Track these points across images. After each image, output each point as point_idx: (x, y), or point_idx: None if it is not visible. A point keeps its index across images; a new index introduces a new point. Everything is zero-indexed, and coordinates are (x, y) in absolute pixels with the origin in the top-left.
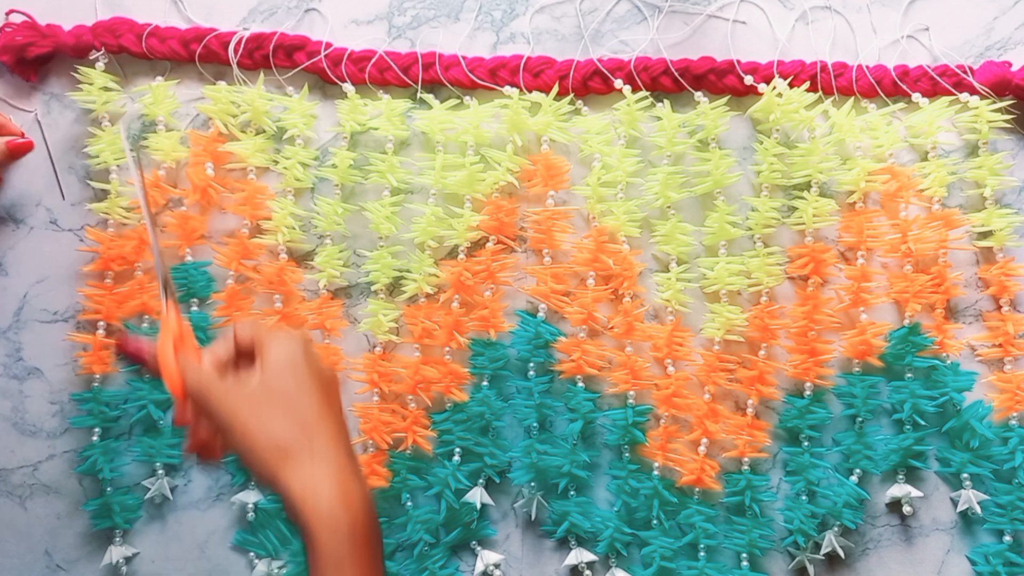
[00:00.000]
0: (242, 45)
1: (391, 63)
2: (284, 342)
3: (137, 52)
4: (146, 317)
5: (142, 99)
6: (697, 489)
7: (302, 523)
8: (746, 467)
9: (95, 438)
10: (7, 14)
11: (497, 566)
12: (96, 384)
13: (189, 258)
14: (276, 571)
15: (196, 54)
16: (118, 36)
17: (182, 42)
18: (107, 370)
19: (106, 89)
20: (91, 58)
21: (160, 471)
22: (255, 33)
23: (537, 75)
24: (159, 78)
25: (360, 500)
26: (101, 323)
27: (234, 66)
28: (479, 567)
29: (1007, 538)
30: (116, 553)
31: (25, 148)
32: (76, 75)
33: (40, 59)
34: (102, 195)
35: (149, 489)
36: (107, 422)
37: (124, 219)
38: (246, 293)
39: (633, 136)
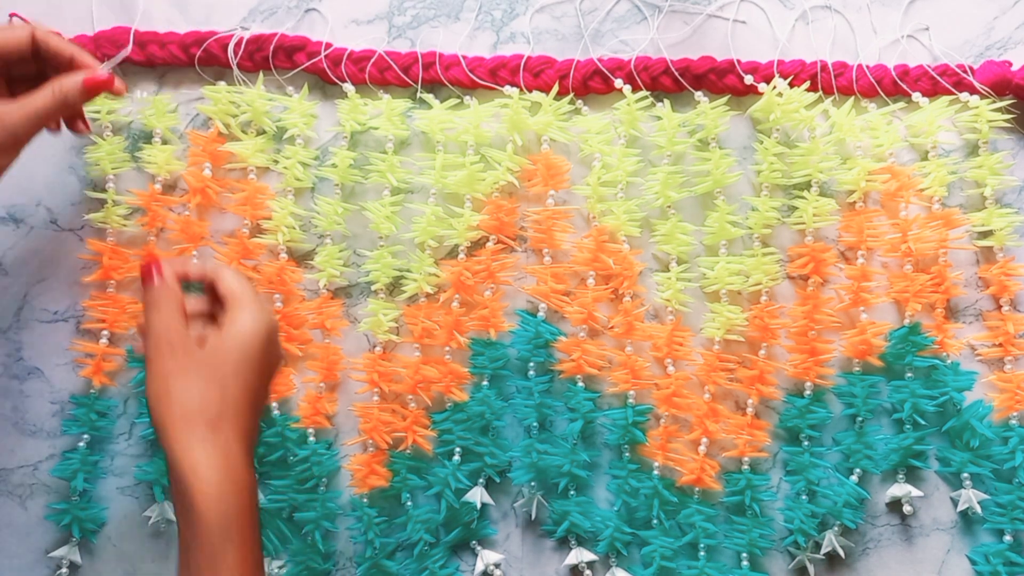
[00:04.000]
0: (242, 47)
1: (391, 63)
2: (252, 318)
3: (138, 60)
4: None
5: (142, 110)
6: (697, 489)
7: (187, 498)
8: (746, 467)
9: (81, 444)
10: (9, 16)
11: (497, 566)
12: (93, 391)
13: (195, 260)
14: (276, 571)
15: (196, 58)
16: (119, 46)
17: (182, 47)
18: (106, 382)
19: (111, 98)
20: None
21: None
22: (255, 35)
23: (537, 75)
24: (165, 90)
25: (249, 490)
26: (104, 332)
27: (235, 68)
28: (479, 567)
29: (1007, 538)
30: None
31: (104, 85)
32: None
33: None
34: (99, 204)
35: (113, 509)
36: (95, 431)
37: (123, 225)
38: None
39: (633, 136)
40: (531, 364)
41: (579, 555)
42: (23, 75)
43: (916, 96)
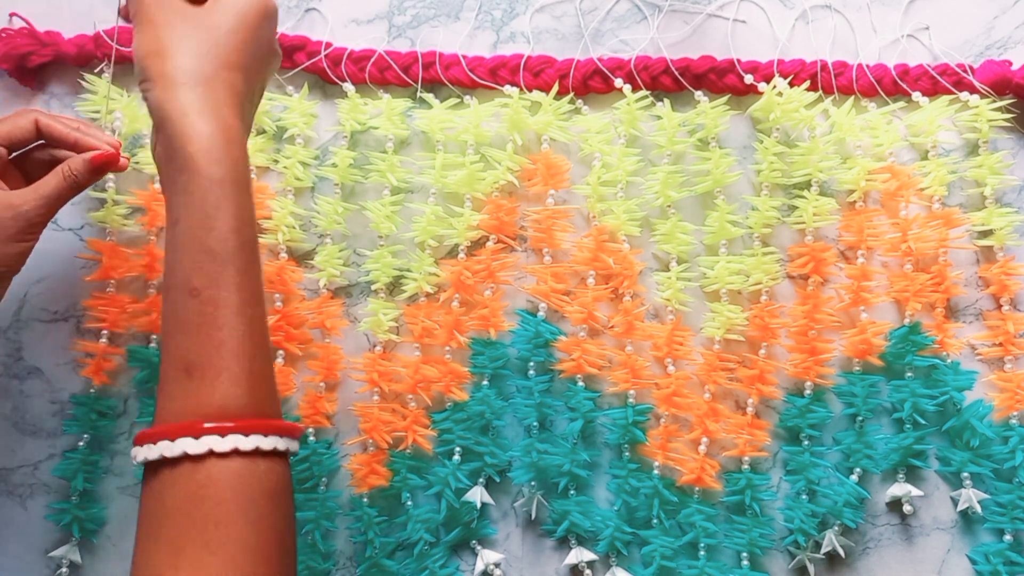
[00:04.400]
0: None
1: (391, 62)
2: None
3: None
4: (153, 337)
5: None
6: (697, 488)
7: (181, 152)
8: (746, 466)
9: (81, 443)
10: (10, 16)
11: (497, 565)
12: (93, 391)
13: None
14: None
15: None
16: (118, 46)
17: None
18: (106, 382)
19: (111, 99)
20: (96, 71)
21: None
22: None
23: (537, 74)
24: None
25: (241, 146)
26: (104, 332)
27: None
28: (479, 566)
29: (1007, 537)
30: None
31: (111, 161)
32: (78, 78)
33: (40, 65)
34: (99, 204)
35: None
36: (95, 431)
37: (123, 224)
38: None
39: (633, 135)
40: (531, 364)
41: (579, 555)
42: (40, 160)
43: (916, 96)
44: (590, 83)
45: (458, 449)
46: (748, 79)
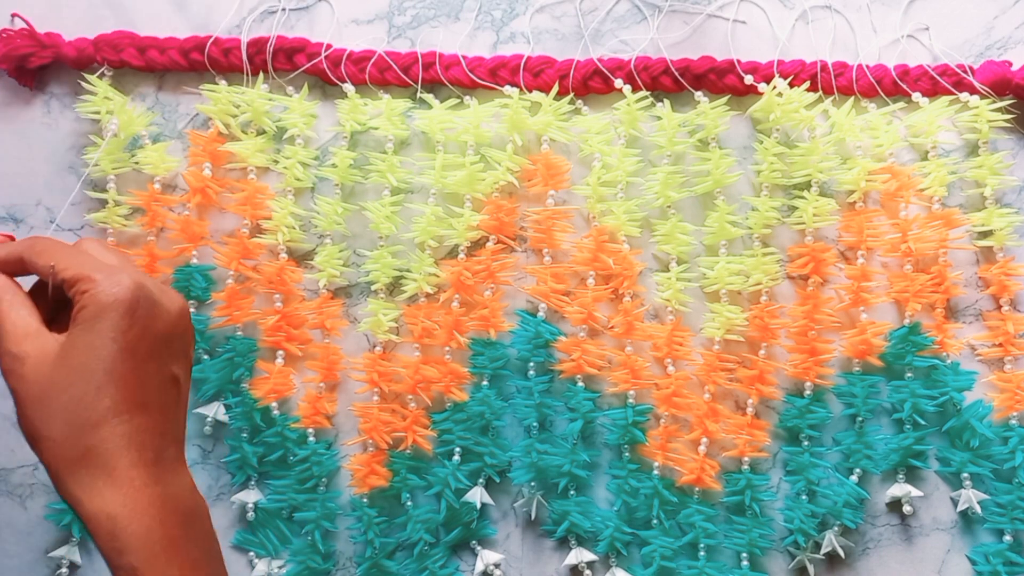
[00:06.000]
0: (243, 51)
1: (391, 63)
2: (107, 297)
3: (138, 65)
4: None
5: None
6: (697, 489)
7: (100, 548)
8: (746, 467)
9: None
10: (12, 16)
11: (497, 566)
12: None
13: (195, 260)
14: (276, 571)
15: (197, 63)
16: (119, 51)
17: (182, 52)
18: None
19: (108, 99)
20: (96, 74)
21: None
22: (254, 38)
23: (537, 75)
24: (165, 92)
25: (163, 511)
26: None
27: (246, 70)
28: (479, 567)
29: (1007, 537)
30: None
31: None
32: (78, 79)
33: (40, 66)
34: (99, 204)
35: None
36: None
37: (123, 225)
38: (246, 292)
39: (633, 136)
40: (531, 364)
41: (579, 555)
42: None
43: (916, 96)
44: (590, 83)
45: (458, 449)
46: (748, 79)
